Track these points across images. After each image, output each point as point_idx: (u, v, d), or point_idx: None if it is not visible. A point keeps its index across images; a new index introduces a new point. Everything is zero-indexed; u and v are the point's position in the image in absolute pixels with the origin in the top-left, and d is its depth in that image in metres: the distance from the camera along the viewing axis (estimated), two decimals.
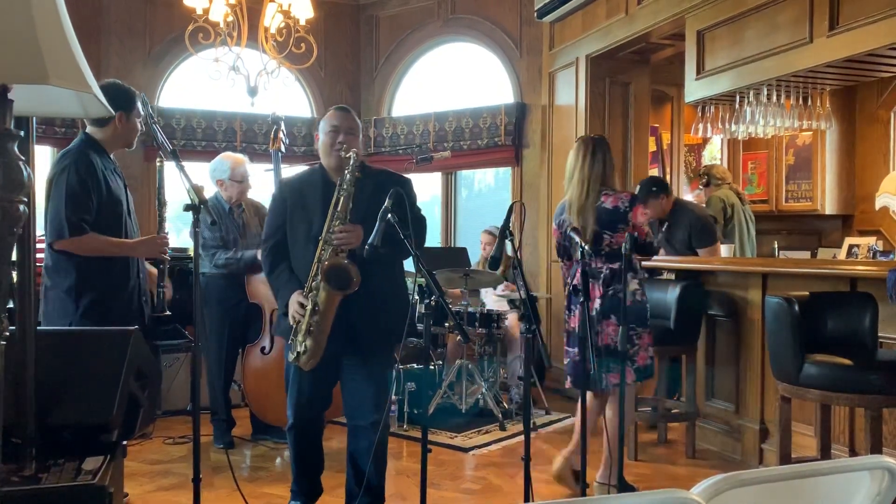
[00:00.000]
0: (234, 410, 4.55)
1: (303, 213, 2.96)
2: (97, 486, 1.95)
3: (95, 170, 3.10)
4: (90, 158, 3.11)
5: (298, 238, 2.96)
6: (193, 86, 6.91)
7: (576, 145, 3.66)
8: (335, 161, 2.93)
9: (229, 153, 4.58)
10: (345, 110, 3.05)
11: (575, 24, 5.95)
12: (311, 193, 2.97)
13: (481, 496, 3.67)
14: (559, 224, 3.66)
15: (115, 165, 3.28)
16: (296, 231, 2.97)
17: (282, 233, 3.00)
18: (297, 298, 2.83)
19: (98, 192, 3.09)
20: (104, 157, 3.20)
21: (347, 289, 2.73)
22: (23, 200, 1.43)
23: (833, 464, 1.23)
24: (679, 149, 6.77)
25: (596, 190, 3.52)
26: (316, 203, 2.93)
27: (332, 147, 2.92)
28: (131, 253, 3.22)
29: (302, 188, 3.02)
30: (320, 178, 3.01)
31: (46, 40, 1.39)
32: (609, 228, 3.47)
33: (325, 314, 2.78)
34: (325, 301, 2.76)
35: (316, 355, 2.83)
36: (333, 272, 2.73)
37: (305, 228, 2.93)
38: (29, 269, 2.08)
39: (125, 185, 3.31)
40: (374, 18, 7.52)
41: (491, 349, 5.28)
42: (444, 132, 6.98)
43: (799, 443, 3.72)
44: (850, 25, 3.71)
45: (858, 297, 3.42)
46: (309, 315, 2.78)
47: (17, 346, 2.04)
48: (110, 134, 3.22)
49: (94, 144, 3.18)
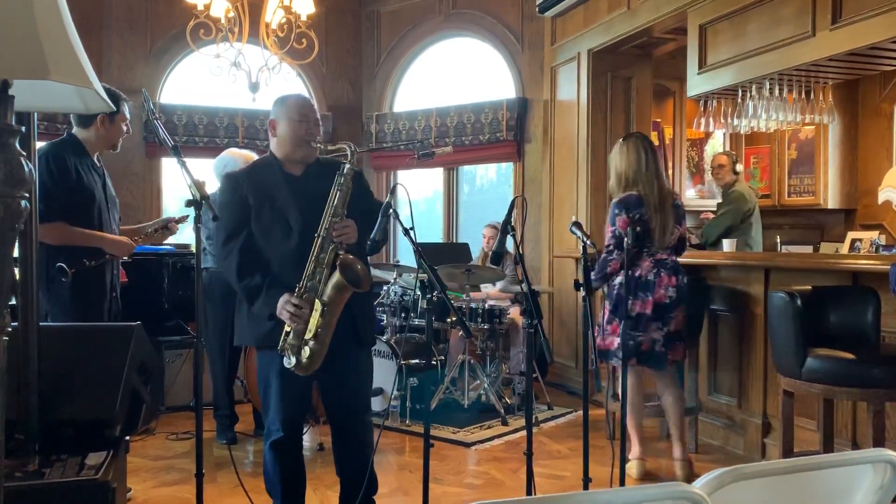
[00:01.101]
0: (237, 406, 4.56)
1: (273, 211, 2.73)
2: (100, 481, 1.96)
3: (66, 164, 3.18)
4: (62, 153, 3.20)
5: (276, 238, 2.73)
6: (195, 82, 6.91)
7: (632, 142, 3.81)
8: (304, 153, 2.77)
9: (235, 149, 4.58)
10: (308, 99, 2.90)
11: (576, 18, 5.94)
12: (275, 189, 2.75)
13: (483, 491, 3.68)
14: (633, 216, 3.71)
15: (93, 163, 3.36)
16: (271, 231, 2.73)
17: (245, 233, 2.73)
18: (290, 299, 2.62)
19: (66, 183, 3.16)
20: (82, 156, 3.29)
21: (360, 286, 2.63)
22: (24, 196, 1.43)
23: (836, 457, 1.22)
24: (681, 143, 6.76)
25: (666, 186, 3.82)
26: (286, 199, 2.73)
27: (304, 138, 2.75)
28: (99, 244, 3.27)
29: (262, 184, 2.77)
30: (279, 171, 2.79)
31: (47, 36, 1.39)
32: (678, 223, 3.80)
33: (333, 313, 2.63)
34: (333, 299, 2.61)
35: (320, 357, 2.65)
36: (348, 269, 2.61)
37: (282, 227, 2.72)
38: (31, 265, 2.09)
39: (104, 183, 3.39)
40: (375, 14, 7.51)
41: (493, 344, 5.28)
42: (446, 127, 6.97)
43: (801, 437, 3.71)
44: (853, 19, 3.69)
45: (861, 291, 3.42)
46: (318, 315, 2.61)
47: (20, 342, 2.04)
48: (93, 135, 3.32)
49: (75, 144, 3.29)
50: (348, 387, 2.87)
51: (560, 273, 6.12)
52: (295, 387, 2.75)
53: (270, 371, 2.77)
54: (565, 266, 6.02)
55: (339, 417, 2.93)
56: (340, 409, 2.91)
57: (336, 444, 2.97)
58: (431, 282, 2.59)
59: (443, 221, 7.35)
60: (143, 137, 6.66)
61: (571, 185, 5.98)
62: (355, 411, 2.90)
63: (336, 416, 2.95)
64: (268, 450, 2.83)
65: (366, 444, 2.90)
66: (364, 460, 2.89)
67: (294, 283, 2.64)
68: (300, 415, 2.89)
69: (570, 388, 5.85)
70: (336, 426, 2.96)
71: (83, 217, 3.23)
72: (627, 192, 3.75)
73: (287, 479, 2.85)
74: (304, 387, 2.81)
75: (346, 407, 2.89)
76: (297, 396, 2.79)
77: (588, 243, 3.10)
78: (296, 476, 2.89)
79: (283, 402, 2.77)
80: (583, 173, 5.85)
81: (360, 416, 2.91)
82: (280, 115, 2.80)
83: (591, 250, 3.11)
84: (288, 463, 2.84)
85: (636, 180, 3.75)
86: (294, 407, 2.80)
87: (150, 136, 6.54)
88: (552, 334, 6.08)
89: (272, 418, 2.80)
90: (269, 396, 2.80)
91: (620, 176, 3.80)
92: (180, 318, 5.23)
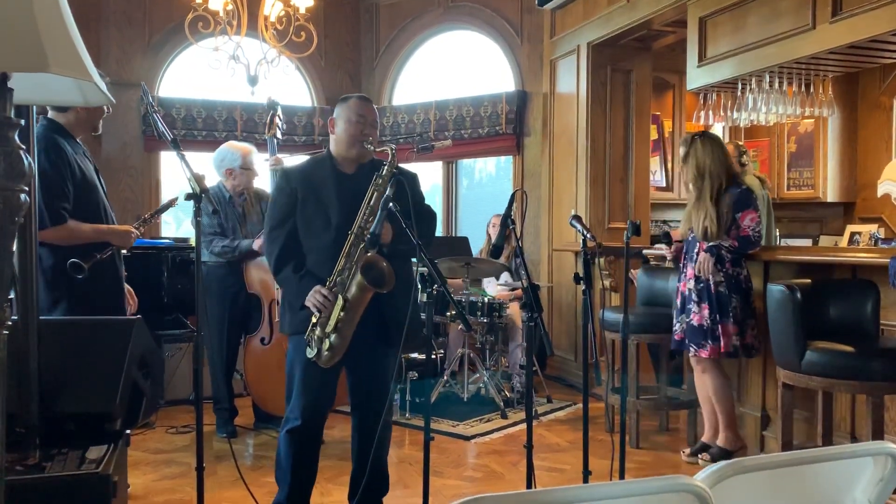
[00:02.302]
0: (237, 400, 4.56)
1: (317, 205, 2.82)
2: (101, 474, 1.96)
3: (66, 155, 3.00)
4: (58, 143, 3.01)
5: (315, 230, 2.83)
6: (193, 75, 6.88)
7: (710, 141, 3.87)
8: (358, 152, 2.84)
9: (234, 142, 4.57)
10: (368, 100, 2.95)
11: (576, 11, 5.93)
12: (323, 184, 2.84)
13: (483, 484, 3.68)
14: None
15: (84, 150, 3.19)
16: (312, 223, 2.83)
17: (290, 223, 2.85)
18: (320, 290, 2.70)
19: (73, 178, 3.01)
20: (72, 142, 3.10)
21: (382, 286, 2.66)
22: (24, 189, 1.43)
23: (836, 450, 1.23)
24: (681, 137, 6.73)
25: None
26: (331, 194, 2.82)
27: (357, 137, 2.81)
28: (105, 238, 3.15)
29: (312, 178, 2.87)
30: (331, 167, 2.88)
31: (46, 28, 1.39)
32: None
33: (355, 310, 2.69)
34: (356, 297, 2.67)
35: (340, 352, 2.72)
36: (370, 268, 2.65)
37: (323, 221, 2.81)
38: (30, 259, 2.08)
39: (97, 170, 3.24)
40: (374, 6, 7.48)
41: (493, 338, 5.29)
42: (445, 121, 6.96)
43: (800, 430, 3.72)
44: (853, 11, 3.69)
45: (860, 284, 3.42)
46: (339, 310, 2.67)
47: (20, 336, 2.04)
48: (73, 118, 3.12)
49: (59, 129, 3.07)
50: (375, 385, 2.91)
51: (560, 267, 6.12)
52: (317, 378, 2.80)
53: (297, 358, 2.84)
54: (564, 259, 6.02)
55: (362, 414, 2.98)
56: (365, 405, 2.96)
57: (355, 438, 3.01)
58: (431, 275, 2.60)
59: (442, 215, 7.35)
60: (141, 131, 6.65)
61: (571, 178, 5.97)
62: (373, 405, 2.92)
63: (359, 413, 2.99)
64: (283, 437, 2.85)
65: (379, 440, 2.90)
66: (378, 458, 2.93)
67: (327, 277, 2.73)
68: (322, 406, 2.92)
69: (569, 381, 5.86)
70: (358, 422, 3.00)
71: (88, 211, 3.10)
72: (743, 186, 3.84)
73: (298, 467, 2.85)
74: (327, 379, 2.84)
75: (370, 405, 2.93)
76: (318, 387, 2.83)
77: (588, 237, 3.09)
78: (307, 467, 2.91)
79: (306, 392, 2.82)
80: (582, 166, 5.84)
81: (377, 411, 2.91)
82: (339, 115, 2.87)
83: (591, 244, 3.11)
84: (301, 452, 2.86)
85: (735, 174, 3.92)
86: (314, 397, 2.84)
87: (148, 129, 6.51)
88: (551, 328, 6.08)
89: (293, 406, 2.84)
90: (293, 383, 2.86)
91: (721, 171, 3.82)
92: (180, 312, 5.23)
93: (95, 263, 3.04)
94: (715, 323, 3.74)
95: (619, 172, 5.95)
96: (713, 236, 3.73)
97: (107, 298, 3.15)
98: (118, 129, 6.56)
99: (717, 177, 3.78)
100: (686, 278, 3.88)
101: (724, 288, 3.75)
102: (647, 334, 4.27)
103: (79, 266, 2.98)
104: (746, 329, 3.78)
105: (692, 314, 3.82)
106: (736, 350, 3.76)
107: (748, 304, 3.81)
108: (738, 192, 3.77)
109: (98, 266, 3.06)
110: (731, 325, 3.74)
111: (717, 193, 3.77)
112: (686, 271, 3.90)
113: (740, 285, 3.77)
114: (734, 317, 3.74)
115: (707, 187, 3.78)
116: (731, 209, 3.75)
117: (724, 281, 3.75)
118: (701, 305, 3.79)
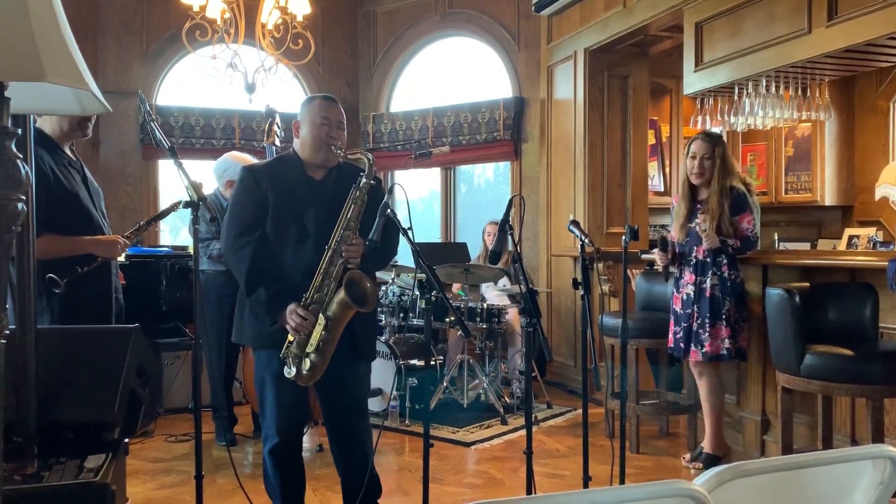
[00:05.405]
0: (236, 408, 4.55)
1: (291, 211, 2.65)
2: (99, 483, 1.95)
3: (40, 164, 2.86)
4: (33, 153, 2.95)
5: (288, 239, 2.65)
6: (191, 83, 6.90)
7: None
8: (325, 155, 2.68)
9: (235, 153, 4.56)
10: (334, 100, 2.77)
11: (573, 17, 5.94)
12: (296, 188, 2.67)
13: (483, 490, 3.67)
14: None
15: (69, 160, 3.08)
16: (285, 230, 2.65)
17: (260, 227, 2.64)
18: (297, 310, 2.56)
19: (45, 187, 2.83)
20: (54, 153, 3.00)
21: (365, 304, 2.57)
22: (21, 198, 1.43)
23: (836, 453, 1.23)
24: (678, 141, 6.76)
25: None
26: (305, 201, 2.66)
27: (324, 140, 2.66)
28: (88, 250, 3.01)
29: (283, 180, 2.67)
30: (301, 172, 2.71)
31: (43, 37, 1.39)
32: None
33: (337, 328, 2.59)
34: (337, 315, 2.56)
35: (321, 370, 2.60)
36: (353, 285, 2.55)
37: (297, 229, 2.65)
38: (28, 267, 2.08)
39: (83, 176, 3.12)
40: (371, 14, 7.50)
41: (492, 344, 5.28)
42: (443, 127, 6.97)
43: (800, 434, 3.72)
44: (849, 15, 3.70)
45: (859, 287, 3.42)
46: (321, 329, 2.55)
47: (18, 345, 2.04)
48: (57, 127, 3.02)
49: (42, 140, 2.95)
50: (345, 394, 2.83)
51: (558, 272, 6.12)
52: (290, 392, 2.69)
53: (266, 374, 2.73)
54: (563, 265, 6.02)
55: (337, 423, 2.90)
56: (337, 415, 2.88)
57: (334, 448, 2.94)
58: (430, 281, 2.59)
59: (440, 221, 7.35)
60: (139, 139, 6.65)
61: (569, 183, 5.98)
62: (352, 416, 2.86)
63: (333, 422, 2.91)
64: (266, 455, 2.80)
65: (364, 447, 2.87)
66: (363, 463, 2.87)
67: (301, 293, 2.58)
68: (298, 419, 2.84)
69: (569, 386, 5.85)
70: (333, 431, 2.93)
71: (69, 222, 2.96)
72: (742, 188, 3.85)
73: (286, 483, 2.81)
74: (300, 392, 2.75)
75: (342, 413, 2.86)
76: (293, 402, 2.73)
77: (586, 242, 3.09)
78: (295, 480, 2.85)
79: (279, 408, 2.72)
80: (580, 172, 5.85)
81: (357, 421, 2.88)
82: (303, 117, 2.73)
83: (590, 249, 3.11)
84: (286, 468, 2.80)
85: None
86: (290, 412, 2.75)
87: (146, 137, 6.52)
88: (550, 333, 6.08)
89: (268, 423, 2.75)
90: (265, 400, 2.75)
91: (735, 173, 3.88)
92: (178, 320, 5.22)
93: (77, 277, 2.91)
94: (707, 325, 3.77)
95: (617, 177, 5.96)
96: (725, 232, 3.77)
97: (92, 308, 3.04)
98: (116, 137, 6.57)
99: (735, 177, 3.84)
100: (684, 284, 3.89)
101: (718, 291, 3.77)
102: (646, 339, 4.27)
103: (55, 281, 2.83)
104: (739, 332, 3.80)
105: (689, 318, 3.84)
106: (728, 353, 3.76)
107: (742, 307, 3.82)
108: (735, 195, 3.79)
109: (86, 277, 2.95)
110: (724, 328, 3.75)
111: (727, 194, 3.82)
112: (684, 277, 3.90)
113: (735, 289, 3.79)
114: (727, 319, 3.75)
115: (727, 185, 3.81)
116: (730, 211, 3.77)
117: (718, 284, 3.77)
118: (694, 308, 3.81)
